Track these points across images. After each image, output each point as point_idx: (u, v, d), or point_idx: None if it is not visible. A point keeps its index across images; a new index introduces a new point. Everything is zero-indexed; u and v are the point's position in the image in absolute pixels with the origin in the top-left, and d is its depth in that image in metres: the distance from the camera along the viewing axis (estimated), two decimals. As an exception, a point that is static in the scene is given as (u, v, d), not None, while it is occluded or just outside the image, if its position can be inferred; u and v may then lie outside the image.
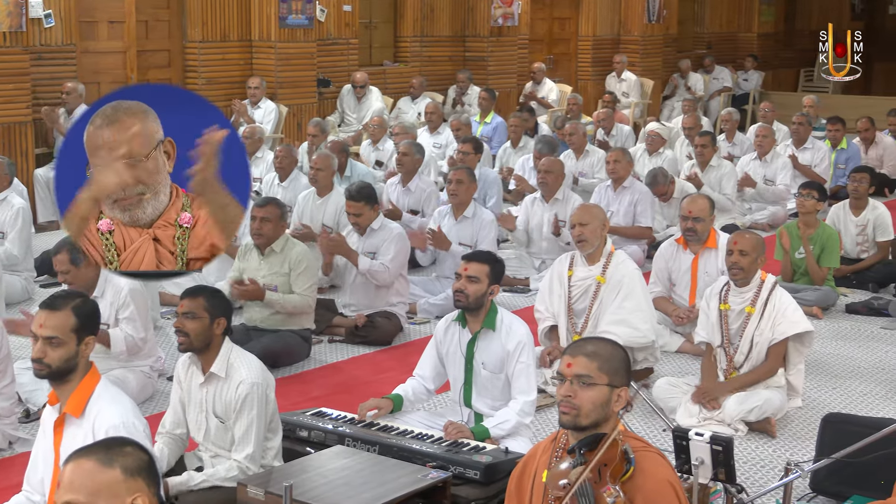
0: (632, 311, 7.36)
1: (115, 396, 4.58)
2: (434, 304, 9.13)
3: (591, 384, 3.85)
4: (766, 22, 23.48)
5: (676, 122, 15.99)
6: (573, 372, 3.86)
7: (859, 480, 5.52)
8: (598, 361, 3.87)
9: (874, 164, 14.44)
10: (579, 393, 3.85)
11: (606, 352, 3.92)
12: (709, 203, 8.40)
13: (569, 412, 3.86)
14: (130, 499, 3.09)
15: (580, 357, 3.88)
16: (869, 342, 8.71)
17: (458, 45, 17.79)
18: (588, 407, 3.85)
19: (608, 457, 3.81)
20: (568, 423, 3.88)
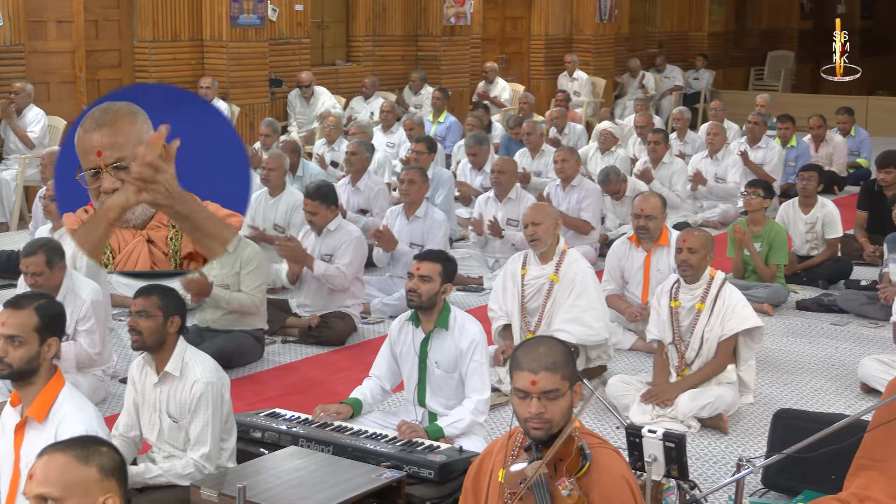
0: (585, 309, 7.40)
1: (79, 403, 4.54)
2: (388, 304, 9.13)
3: (560, 396, 3.85)
4: (716, 21, 23.64)
5: (629, 121, 16.08)
6: (540, 389, 3.83)
7: (810, 475, 5.56)
8: (560, 371, 3.87)
9: (824, 162, 14.56)
10: (549, 407, 3.84)
11: (560, 357, 3.91)
12: (661, 201, 8.45)
13: (541, 427, 3.86)
14: (103, 498, 3.07)
15: (543, 373, 3.84)
16: (819, 338, 8.79)
17: (411, 45, 17.79)
18: (559, 417, 3.87)
19: (564, 452, 3.84)
20: (542, 437, 3.88)
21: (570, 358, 3.95)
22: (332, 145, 13.21)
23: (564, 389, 3.85)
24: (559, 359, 3.89)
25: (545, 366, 3.85)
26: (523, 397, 3.86)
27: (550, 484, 3.81)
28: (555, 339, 4.10)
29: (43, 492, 3.05)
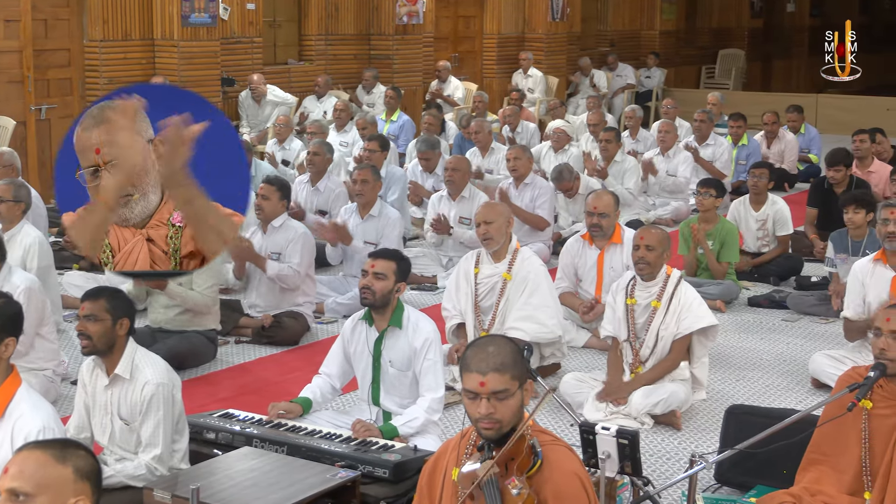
0: (538, 307, 7.42)
1: (36, 402, 4.49)
2: (341, 304, 9.11)
3: (509, 396, 3.85)
4: (667, 20, 23.77)
5: (581, 119, 16.14)
6: (490, 389, 3.82)
7: (762, 470, 5.60)
8: (509, 371, 3.85)
9: (775, 159, 14.70)
10: (499, 407, 3.83)
11: (508, 356, 3.90)
12: (613, 199, 8.48)
13: (492, 427, 3.85)
14: (74, 500, 3.05)
15: (491, 374, 3.83)
16: (771, 334, 8.86)
17: (364, 44, 17.75)
18: (509, 417, 3.86)
19: (516, 451, 3.84)
20: (493, 436, 3.87)
21: (520, 357, 3.95)
22: (283, 144, 13.16)
23: (514, 389, 3.85)
24: (507, 359, 3.88)
25: (493, 367, 3.84)
26: (473, 398, 3.86)
27: (501, 483, 3.81)
28: (504, 338, 4.08)
29: (15, 486, 3.04)
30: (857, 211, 8.85)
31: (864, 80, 29.05)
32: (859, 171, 11.74)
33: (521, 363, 3.93)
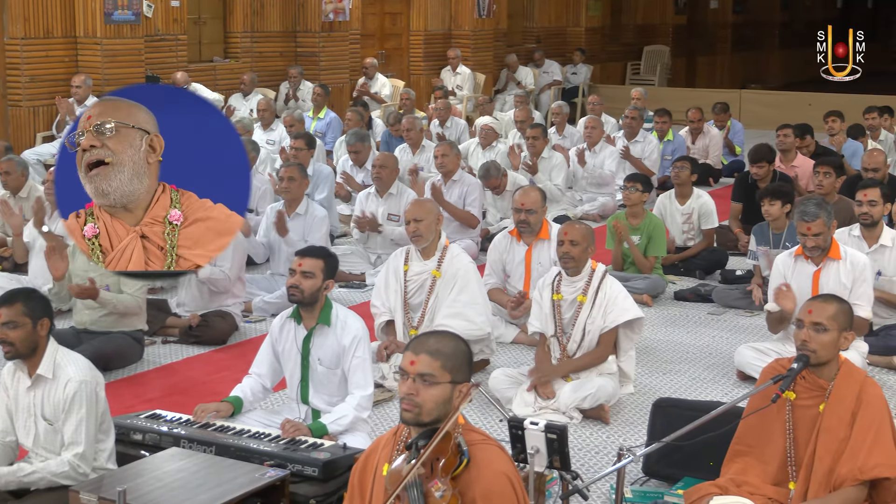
0: (467, 304, 7.43)
1: None
2: (269, 302, 9.06)
3: (434, 383, 3.86)
4: (593, 16, 23.90)
5: (509, 116, 16.19)
6: (416, 370, 3.86)
7: (689, 462, 5.65)
8: (442, 359, 3.87)
9: (700, 154, 14.84)
10: (422, 391, 3.85)
11: (449, 349, 3.92)
12: (541, 195, 8.52)
13: (411, 410, 3.87)
14: None
15: (423, 355, 3.87)
16: (697, 328, 8.95)
17: (290, 41, 17.67)
18: (430, 405, 3.86)
19: (441, 450, 3.84)
20: (410, 420, 3.89)
21: (463, 356, 3.96)
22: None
23: (442, 379, 3.86)
24: (447, 350, 3.91)
25: (428, 350, 3.88)
26: (402, 376, 3.91)
27: (424, 484, 3.81)
28: (456, 336, 4.08)
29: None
30: (772, 203, 8.97)
31: (785, 76, 29.58)
32: (783, 166, 11.89)
33: (462, 362, 3.94)
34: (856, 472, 4.84)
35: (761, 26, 29.69)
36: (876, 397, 4.98)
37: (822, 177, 10.02)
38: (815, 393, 5.02)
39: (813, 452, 4.95)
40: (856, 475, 4.84)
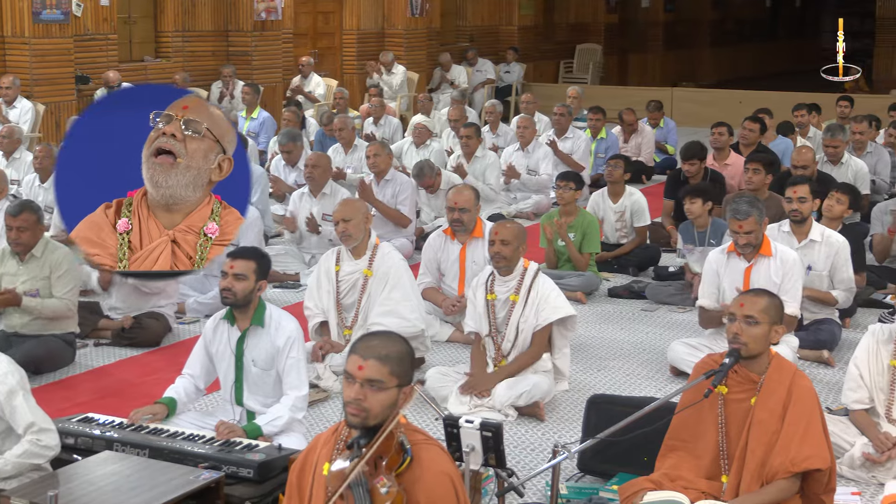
0: (399, 301, 7.43)
1: None
2: (203, 303, 9.00)
3: (383, 388, 3.86)
4: (525, 15, 23.98)
5: (443, 115, 16.21)
6: (364, 376, 3.84)
7: (624, 458, 5.69)
8: (390, 365, 3.87)
9: (633, 152, 14.95)
10: (370, 396, 3.85)
11: (396, 352, 3.92)
12: (474, 194, 8.53)
13: (358, 414, 3.86)
14: None
15: (372, 361, 3.85)
16: (631, 324, 9.01)
17: (221, 40, 17.56)
18: (377, 409, 3.86)
19: (384, 449, 3.85)
20: (357, 424, 3.89)
21: (408, 358, 3.96)
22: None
23: (389, 384, 3.86)
24: (394, 354, 3.90)
25: (376, 355, 3.86)
26: (349, 379, 3.88)
27: (370, 482, 3.81)
28: (400, 337, 4.07)
29: None
30: (693, 201, 9.07)
31: (717, 74, 29.87)
32: (716, 164, 12.00)
33: (407, 365, 3.94)
34: (788, 464, 4.91)
35: (692, 25, 29.97)
36: (806, 390, 5.05)
37: (752, 173, 10.13)
38: (747, 386, 5.09)
39: (745, 445, 5.02)
40: (788, 467, 4.91)
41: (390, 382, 3.86)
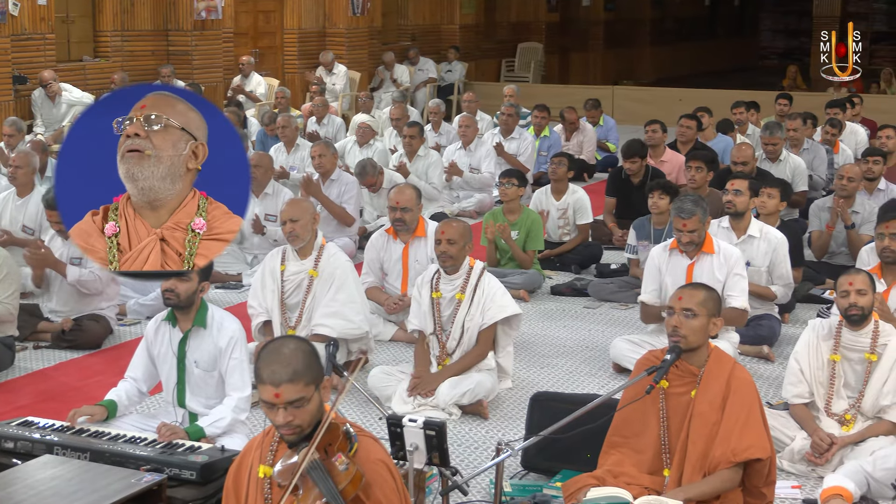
0: (344, 302, 7.42)
1: None
2: (144, 305, 8.93)
3: (306, 402, 3.86)
4: (467, 14, 24.01)
5: (385, 114, 16.19)
6: (284, 400, 3.84)
7: (567, 455, 5.72)
8: (303, 379, 3.86)
9: (575, 150, 15.01)
10: (298, 414, 3.85)
11: (301, 362, 3.89)
12: (416, 193, 8.53)
13: (293, 432, 3.88)
14: None
15: (285, 385, 3.83)
16: (573, 321, 9.05)
17: (161, 40, 17.43)
18: (308, 420, 3.88)
19: (332, 438, 3.88)
20: (295, 440, 3.91)
21: (312, 359, 3.94)
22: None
23: (310, 394, 3.86)
24: (300, 366, 3.88)
25: (287, 377, 3.84)
26: (271, 408, 3.87)
27: (326, 463, 3.84)
28: (295, 340, 4.05)
29: None
30: (662, 196, 9.12)
31: (657, 72, 30.07)
32: (652, 161, 12.08)
33: (316, 365, 3.94)
34: (729, 454, 4.97)
35: (633, 23, 30.14)
36: (745, 381, 5.11)
37: (695, 171, 10.24)
38: (687, 379, 5.14)
39: (686, 438, 5.06)
40: (729, 458, 4.97)
41: (309, 392, 3.87)
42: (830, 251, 9.86)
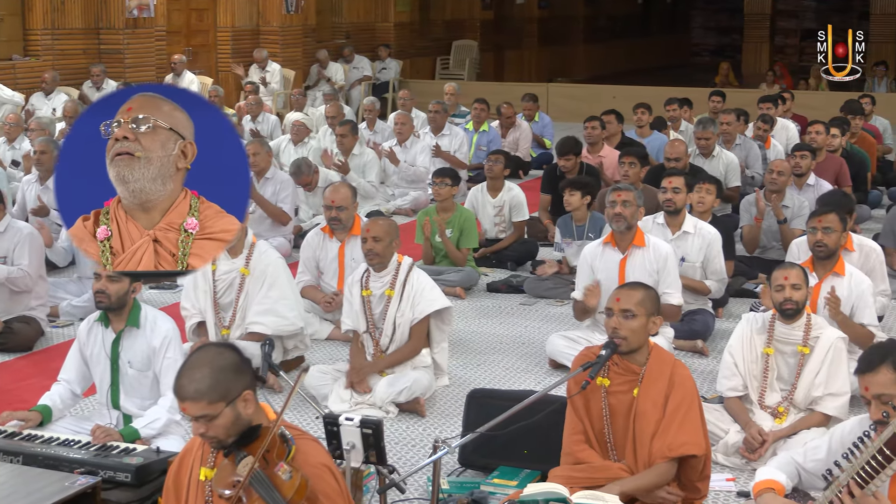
0: (277, 300, 7.39)
1: None
2: (77, 306, 8.83)
3: (213, 417, 3.86)
4: (401, 12, 23.99)
5: (320, 112, 16.15)
6: (194, 414, 3.86)
7: (504, 452, 5.74)
8: (205, 398, 3.85)
9: (510, 147, 15.05)
10: (210, 426, 3.86)
11: (206, 382, 3.87)
12: (351, 191, 8.52)
13: (213, 441, 3.91)
14: None
15: (188, 402, 3.86)
16: (510, 318, 9.08)
17: (93, 38, 17.25)
18: (222, 432, 3.88)
19: (268, 444, 3.87)
20: (219, 446, 3.93)
21: (224, 376, 3.90)
22: (13, 143, 12.67)
23: (216, 411, 3.84)
24: (203, 385, 3.86)
25: (189, 395, 3.86)
26: (193, 419, 3.90)
27: (268, 473, 3.82)
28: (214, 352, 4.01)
29: None
30: (572, 193, 9.18)
31: (590, 69, 30.22)
32: (590, 157, 12.14)
33: (229, 381, 3.90)
34: (665, 449, 5.01)
35: (566, 21, 30.28)
36: (685, 378, 5.16)
37: (628, 167, 10.32)
38: (629, 378, 5.16)
39: (634, 438, 5.10)
40: (664, 452, 5.01)
41: (215, 410, 3.85)
42: (762, 246, 9.96)
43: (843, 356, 6.18)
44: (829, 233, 7.17)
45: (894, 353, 4.27)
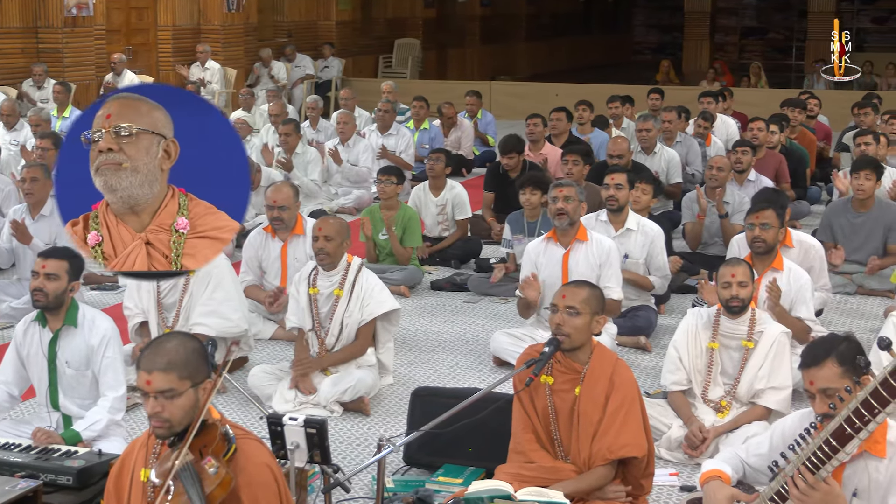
0: (222, 301, 7.34)
1: None
2: (16, 308, 8.70)
3: (176, 395, 3.87)
4: (343, 10, 23.94)
5: (262, 110, 16.07)
6: (155, 389, 3.86)
7: (449, 449, 5.74)
8: (176, 371, 3.87)
9: (453, 146, 15.07)
10: (167, 406, 3.87)
11: (180, 356, 3.91)
12: (293, 191, 8.49)
13: (161, 426, 3.89)
14: None
15: (156, 373, 3.86)
16: (454, 316, 9.08)
17: (31, 37, 17.07)
18: (178, 416, 3.88)
19: (208, 439, 3.89)
20: (163, 435, 3.92)
21: (197, 357, 3.97)
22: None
23: (182, 389, 3.88)
24: (178, 358, 3.90)
25: (159, 366, 3.87)
26: (144, 396, 3.90)
27: (197, 466, 3.83)
28: (183, 336, 4.09)
29: None
30: (533, 192, 9.19)
31: (533, 67, 30.32)
32: (532, 154, 12.18)
33: (198, 364, 3.96)
34: (605, 451, 5.04)
35: (508, 19, 30.36)
36: (627, 379, 5.18)
37: (571, 165, 10.36)
38: (571, 376, 5.19)
39: (578, 437, 5.12)
40: (605, 454, 5.04)
41: (182, 387, 3.88)
42: (704, 241, 10.04)
43: (786, 350, 6.25)
44: (766, 228, 7.24)
45: (838, 347, 4.31)
